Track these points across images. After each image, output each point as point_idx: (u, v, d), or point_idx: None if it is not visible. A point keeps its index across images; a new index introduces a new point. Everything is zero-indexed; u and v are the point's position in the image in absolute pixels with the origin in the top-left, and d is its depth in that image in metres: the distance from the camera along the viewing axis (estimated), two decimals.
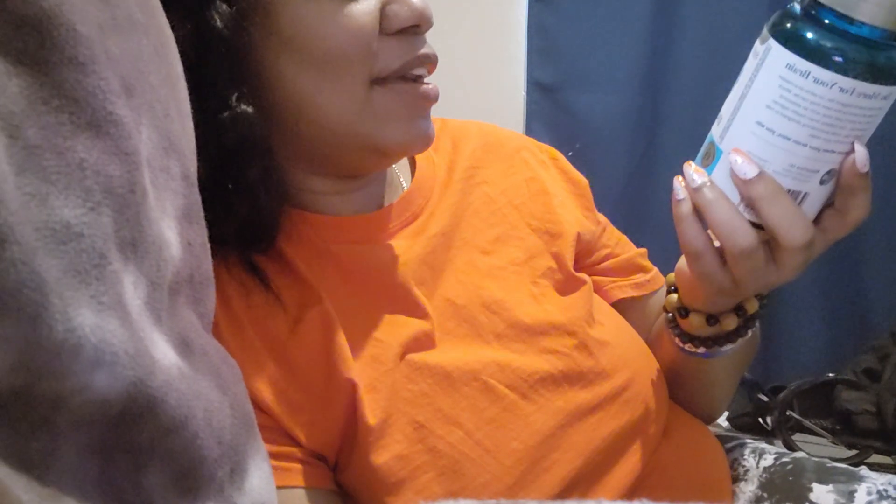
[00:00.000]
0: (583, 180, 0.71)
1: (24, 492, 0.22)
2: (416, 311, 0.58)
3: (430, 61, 0.56)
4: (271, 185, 0.55)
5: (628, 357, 0.61)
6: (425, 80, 0.56)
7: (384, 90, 0.53)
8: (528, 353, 0.58)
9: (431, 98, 0.56)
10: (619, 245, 0.72)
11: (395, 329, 0.56)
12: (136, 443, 0.26)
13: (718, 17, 1.22)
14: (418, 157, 0.66)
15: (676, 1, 1.24)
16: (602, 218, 0.72)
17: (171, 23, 0.32)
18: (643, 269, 0.72)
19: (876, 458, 0.96)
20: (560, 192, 0.68)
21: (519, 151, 0.69)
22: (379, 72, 0.53)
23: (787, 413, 1.01)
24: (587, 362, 0.58)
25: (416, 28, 0.54)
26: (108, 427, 0.25)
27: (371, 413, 0.53)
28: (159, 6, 0.31)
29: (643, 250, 0.74)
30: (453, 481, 0.53)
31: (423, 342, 0.57)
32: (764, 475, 0.64)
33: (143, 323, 0.26)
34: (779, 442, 0.97)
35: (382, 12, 0.52)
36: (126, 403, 0.24)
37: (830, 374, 1.05)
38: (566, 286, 0.63)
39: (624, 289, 0.70)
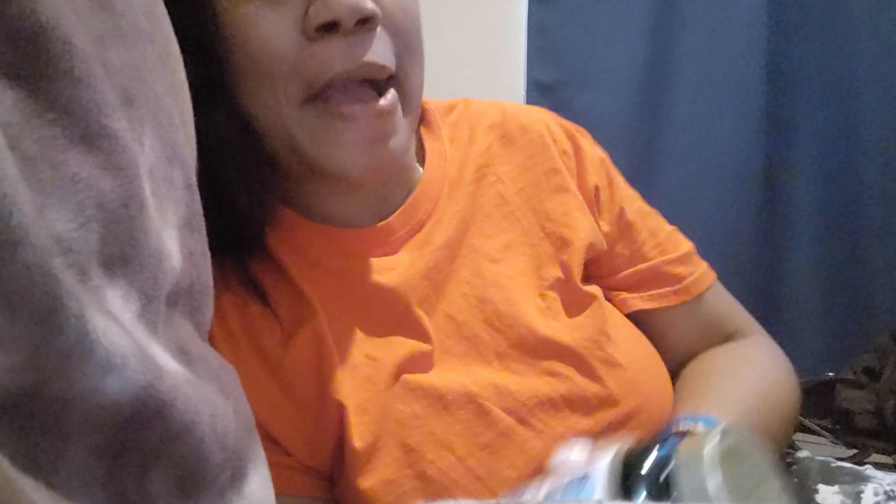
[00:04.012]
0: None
1: (31, 492, 0.22)
2: (415, 331, 0.56)
3: (371, 73, 0.50)
4: (252, 183, 0.54)
5: (639, 381, 0.58)
6: (383, 97, 0.51)
7: (315, 109, 0.50)
8: (528, 375, 0.56)
9: (359, 118, 0.50)
10: (641, 251, 0.66)
11: (390, 347, 0.55)
12: (143, 447, 0.26)
13: (718, 17, 1.22)
14: (429, 151, 0.63)
15: (676, 1, 1.24)
16: (627, 219, 0.66)
17: None
18: (670, 280, 0.65)
19: (876, 458, 0.96)
20: (577, 192, 0.64)
21: (543, 137, 0.64)
22: (308, 86, 0.49)
23: None
24: (591, 387, 0.56)
25: (337, 26, 0.48)
26: (117, 430, 0.25)
27: (358, 436, 0.52)
28: (165, 14, 0.32)
29: (682, 253, 0.67)
30: None
31: (419, 361, 0.55)
32: None
33: (138, 334, 0.26)
34: None
35: (305, 14, 0.48)
36: (136, 407, 0.25)
37: (830, 374, 1.05)
38: (574, 301, 0.60)
39: (640, 301, 0.65)
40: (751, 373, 0.60)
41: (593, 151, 0.68)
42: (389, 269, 0.57)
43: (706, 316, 0.67)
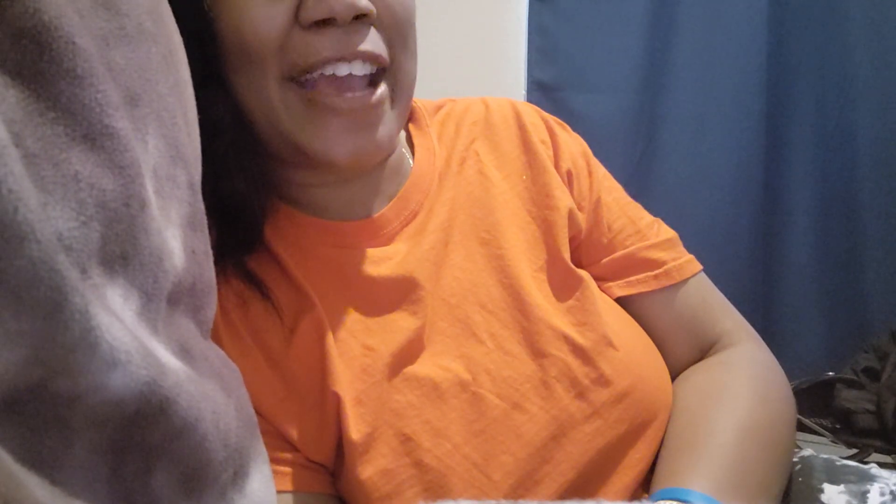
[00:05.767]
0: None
1: (36, 488, 0.22)
2: (414, 310, 0.57)
3: (359, 57, 0.51)
4: (249, 167, 0.54)
5: (631, 362, 0.57)
6: (376, 89, 0.52)
7: (298, 90, 0.51)
8: (521, 356, 0.56)
9: (345, 111, 0.51)
10: (618, 238, 0.66)
11: (388, 336, 0.55)
12: (147, 444, 0.26)
13: (717, 17, 1.23)
14: (418, 147, 0.63)
15: (675, 1, 1.24)
16: (605, 208, 0.66)
17: None
18: (648, 265, 0.65)
19: (876, 458, 0.96)
20: (556, 174, 0.65)
21: (524, 127, 0.66)
22: (291, 67, 0.50)
23: None
24: (583, 368, 0.56)
25: (333, 21, 0.49)
26: (122, 427, 0.25)
27: (355, 427, 0.52)
28: (169, 13, 0.32)
29: (662, 239, 0.66)
30: (439, 496, 0.52)
31: (415, 347, 0.56)
32: None
33: (138, 332, 0.26)
34: None
35: (300, 4, 0.49)
36: (140, 403, 0.25)
37: (830, 373, 1.06)
38: (564, 282, 0.60)
39: (618, 288, 0.65)
40: (734, 412, 0.57)
41: (569, 140, 0.68)
42: (387, 259, 0.58)
43: (691, 308, 0.65)
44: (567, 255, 0.61)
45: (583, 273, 0.62)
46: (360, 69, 0.52)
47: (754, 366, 0.63)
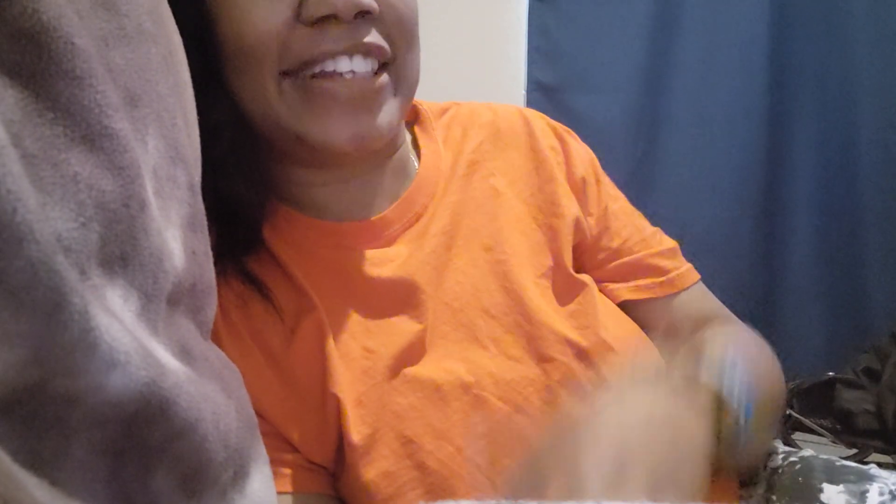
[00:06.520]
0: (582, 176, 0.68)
1: (35, 489, 0.22)
2: (415, 314, 0.57)
3: (360, 50, 0.51)
4: (248, 169, 0.54)
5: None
6: (377, 77, 0.52)
7: (293, 83, 0.51)
8: (524, 360, 0.56)
9: (343, 96, 0.51)
10: (626, 244, 0.67)
11: (388, 338, 0.55)
12: (147, 444, 0.26)
13: (718, 18, 1.23)
14: (423, 149, 0.64)
15: (676, 1, 1.24)
16: (612, 216, 0.67)
17: None
18: (654, 272, 0.66)
19: (876, 458, 0.96)
20: (564, 182, 0.65)
21: (532, 133, 0.66)
22: (291, 62, 0.50)
23: (787, 412, 1.01)
24: (586, 372, 0.56)
25: (335, 18, 0.49)
26: (121, 428, 0.25)
27: (355, 430, 0.52)
28: (169, 14, 0.32)
29: (665, 248, 0.68)
30: (441, 499, 0.52)
31: (417, 351, 0.56)
32: (773, 476, 0.63)
33: (138, 333, 0.26)
34: (779, 441, 0.97)
35: (302, 1, 0.49)
36: (140, 404, 0.25)
37: (830, 374, 1.06)
38: (566, 288, 0.61)
39: (626, 291, 0.66)
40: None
41: (580, 148, 0.69)
42: (388, 261, 0.58)
43: (691, 315, 0.66)
44: (569, 263, 0.62)
45: (585, 278, 0.62)
46: (361, 65, 0.52)
47: None
